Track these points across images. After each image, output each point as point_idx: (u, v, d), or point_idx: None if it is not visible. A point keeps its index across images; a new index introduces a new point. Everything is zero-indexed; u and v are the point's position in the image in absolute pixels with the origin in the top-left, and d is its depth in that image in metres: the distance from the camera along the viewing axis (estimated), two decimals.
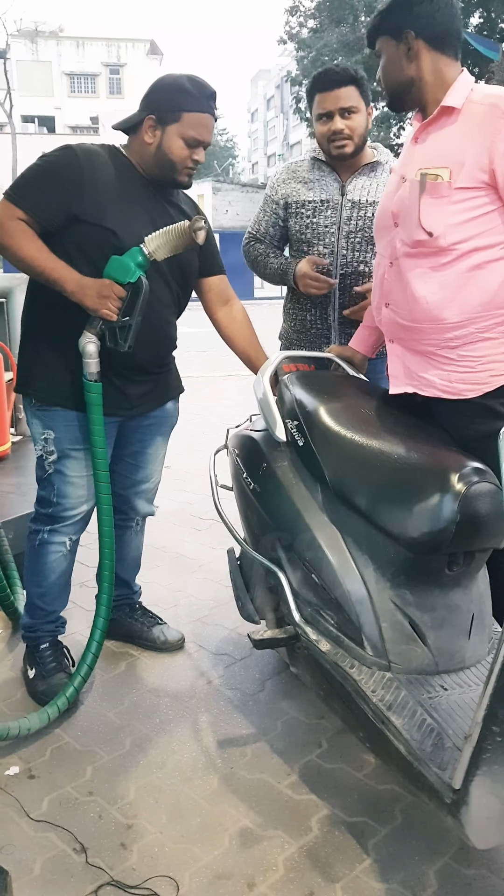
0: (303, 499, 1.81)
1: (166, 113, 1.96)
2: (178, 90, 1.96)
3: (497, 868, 1.60)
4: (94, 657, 2.12)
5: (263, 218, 2.53)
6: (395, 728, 1.48)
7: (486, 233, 1.69)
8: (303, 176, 2.43)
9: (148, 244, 1.90)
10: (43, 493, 2.16)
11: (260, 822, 1.73)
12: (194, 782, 1.86)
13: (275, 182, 2.50)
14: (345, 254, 2.37)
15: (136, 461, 2.32)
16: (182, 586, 2.94)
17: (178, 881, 1.57)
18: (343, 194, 2.36)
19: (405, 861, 1.62)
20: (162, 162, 2.01)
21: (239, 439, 2.12)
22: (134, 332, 1.93)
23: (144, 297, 1.91)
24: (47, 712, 2.00)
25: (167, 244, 1.91)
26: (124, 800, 1.80)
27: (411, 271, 1.77)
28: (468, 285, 1.71)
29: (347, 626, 1.65)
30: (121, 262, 1.90)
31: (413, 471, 1.60)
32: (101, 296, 1.88)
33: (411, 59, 1.76)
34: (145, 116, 1.98)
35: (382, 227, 1.91)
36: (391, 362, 1.90)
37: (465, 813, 1.31)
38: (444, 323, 1.74)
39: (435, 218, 1.71)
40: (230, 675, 2.32)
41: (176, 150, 1.98)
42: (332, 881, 1.57)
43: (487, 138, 1.64)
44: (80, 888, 1.56)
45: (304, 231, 2.40)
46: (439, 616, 1.64)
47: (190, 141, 1.98)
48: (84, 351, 1.95)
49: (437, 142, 1.76)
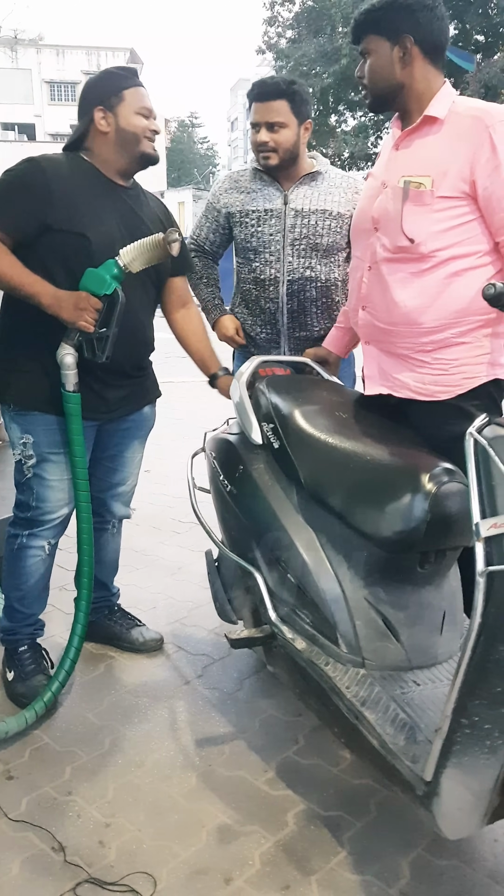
0: (278, 500, 1.84)
1: (110, 98, 2.04)
2: (109, 76, 2.08)
3: (468, 859, 1.64)
4: (72, 662, 2.13)
5: (205, 224, 2.58)
6: (369, 723, 1.51)
7: (465, 241, 1.74)
8: (245, 186, 2.48)
9: (123, 256, 1.92)
10: (22, 497, 2.17)
11: (237, 818, 1.76)
12: (173, 780, 1.89)
13: (217, 190, 2.55)
14: (291, 261, 2.42)
15: (114, 464, 2.34)
16: (161, 589, 2.96)
17: (156, 877, 1.59)
18: (286, 203, 2.41)
19: (379, 853, 1.65)
20: (125, 140, 2.05)
21: (216, 442, 2.14)
22: (111, 343, 1.96)
23: (121, 308, 1.93)
24: (25, 716, 2.01)
25: (142, 256, 1.93)
26: (103, 799, 1.82)
27: (391, 276, 1.81)
28: (446, 292, 1.76)
29: (322, 624, 1.68)
30: (96, 275, 1.92)
31: (385, 471, 1.64)
32: (78, 308, 1.90)
33: (405, 64, 1.79)
34: (93, 112, 2.04)
35: (361, 231, 1.94)
36: (366, 364, 1.95)
37: (436, 804, 1.35)
38: (420, 327, 1.78)
39: (417, 225, 1.75)
40: (208, 675, 2.35)
41: (133, 121, 2.05)
42: (308, 874, 1.60)
43: (470, 150, 1.69)
44: (58, 886, 1.57)
45: (250, 240, 2.45)
46: (412, 613, 1.68)
47: (142, 111, 2.06)
48: (62, 363, 1.97)
49: (420, 150, 1.80)
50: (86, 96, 2.08)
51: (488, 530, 1.23)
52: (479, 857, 1.65)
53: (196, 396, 6.26)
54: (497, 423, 1.29)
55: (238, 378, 2.08)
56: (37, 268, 1.96)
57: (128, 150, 2.07)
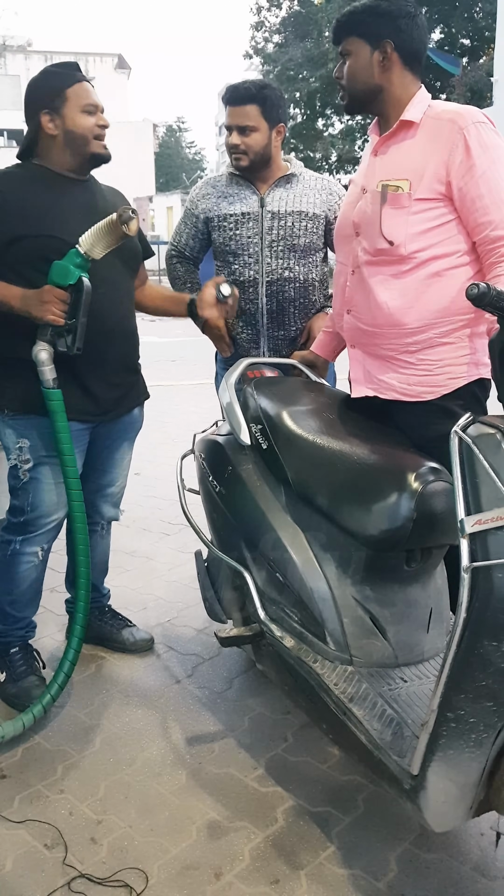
0: (267, 500, 1.87)
1: (53, 100, 2.03)
2: (49, 77, 2.07)
3: (455, 852, 1.67)
4: (71, 665, 2.13)
5: (185, 230, 2.61)
6: (357, 719, 1.54)
7: (443, 242, 1.77)
8: (222, 190, 2.53)
9: (83, 244, 1.92)
10: (16, 502, 2.17)
11: (227, 814, 1.78)
12: (163, 778, 1.91)
13: (195, 196, 2.59)
14: (269, 262, 2.47)
15: (103, 466, 2.35)
16: (151, 589, 2.97)
17: (148, 873, 1.61)
18: (262, 206, 2.47)
19: (367, 848, 1.68)
20: (74, 141, 2.05)
21: (205, 444, 2.17)
22: (80, 334, 1.95)
23: (87, 297, 1.93)
24: (22, 720, 2.00)
25: (101, 240, 1.92)
26: (94, 796, 1.84)
27: (373, 278, 1.85)
28: (427, 292, 1.79)
29: (311, 622, 1.71)
30: (60, 266, 1.93)
31: (372, 471, 1.66)
32: (43, 301, 1.91)
33: (384, 69, 1.82)
34: (39, 117, 2.04)
35: (343, 237, 1.99)
36: (352, 367, 1.98)
37: (423, 798, 1.37)
38: (404, 328, 1.82)
39: (396, 227, 1.79)
40: (198, 674, 2.37)
41: (80, 121, 2.04)
42: (297, 868, 1.62)
43: (445, 152, 1.73)
44: (51, 882, 1.59)
45: (228, 243, 2.50)
46: (399, 611, 1.71)
47: (87, 108, 2.05)
48: (37, 359, 1.97)
49: (397, 154, 1.84)
50: (29, 100, 2.07)
51: (472, 527, 1.26)
52: (466, 850, 1.68)
53: (185, 400, 6.30)
54: (481, 422, 1.31)
55: (226, 380, 2.11)
56: (12, 278, 1.97)
57: (78, 151, 2.07)
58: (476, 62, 18.68)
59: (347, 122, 21.14)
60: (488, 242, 1.72)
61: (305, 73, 20.33)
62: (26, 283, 1.97)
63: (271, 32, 22.30)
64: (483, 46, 18.87)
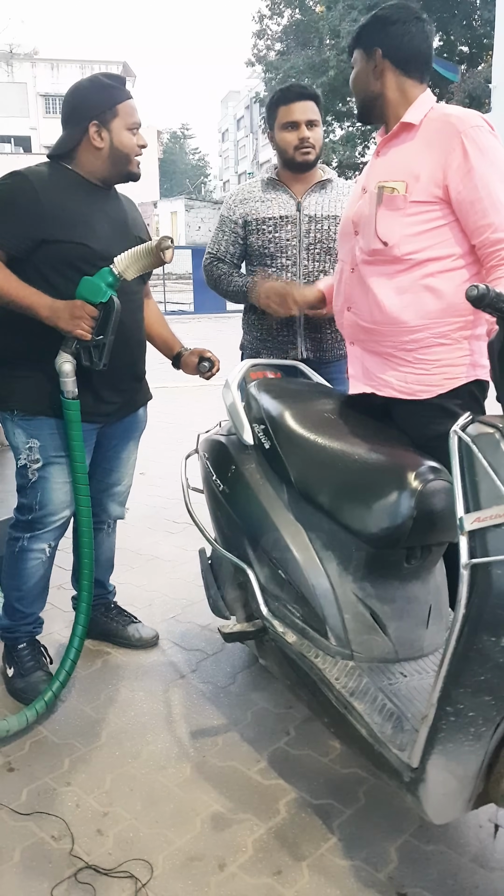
0: (269, 499, 1.90)
1: (104, 112, 2.05)
2: (102, 88, 2.07)
3: (454, 844, 1.70)
4: (72, 662, 2.17)
5: (223, 238, 2.62)
6: (358, 713, 1.56)
7: (438, 245, 1.79)
8: (258, 196, 2.57)
9: (118, 264, 1.95)
10: (25, 500, 2.20)
11: (230, 806, 1.81)
12: (168, 771, 1.94)
13: (231, 203, 2.62)
14: (306, 264, 2.51)
15: (110, 465, 2.39)
16: (156, 587, 3.01)
17: (153, 863, 1.64)
18: (300, 210, 2.51)
19: (368, 839, 1.71)
20: (117, 158, 2.08)
21: (209, 443, 2.20)
22: (108, 350, 1.98)
23: (116, 315, 1.97)
24: (26, 715, 2.04)
25: (136, 263, 1.96)
26: (100, 789, 1.87)
27: (370, 277, 1.88)
28: (423, 293, 1.81)
29: (312, 618, 1.73)
30: (92, 283, 1.95)
31: (372, 470, 1.69)
32: (74, 317, 1.93)
33: (377, 75, 1.87)
34: (87, 126, 2.05)
35: (344, 235, 2.02)
36: (351, 364, 2.01)
37: (422, 790, 1.39)
38: (401, 326, 1.84)
39: (390, 228, 1.81)
40: (202, 670, 2.40)
41: (126, 141, 2.08)
42: (299, 860, 1.65)
43: (442, 155, 1.75)
44: (58, 873, 1.62)
45: (268, 246, 2.52)
46: (399, 607, 1.73)
47: (133, 127, 2.08)
48: (60, 371, 2.00)
49: (396, 156, 1.86)
50: (79, 106, 2.08)
51: (472, 524, 1.28)
52: (465, 842, 1.70)
53: (190, 401, 6.33)
54: (480, 421, 1.33)
55: (231, 381, 2.14)
56: (35, 279, 1.99)
57: (118, 168, 2.11)
58: (475, 69, 18.69)
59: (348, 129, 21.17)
60: (488, 245, 1.73)
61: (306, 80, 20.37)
62: (48, 285, 1.99)
63: (273, 40, 22.44)
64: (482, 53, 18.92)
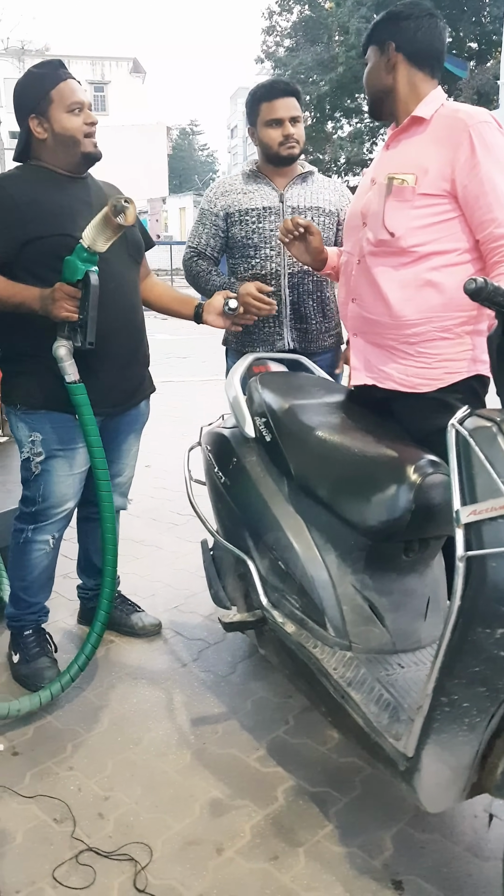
0: (270, 491, 1.92)
1: (39, 103, 2.04)
2: (33, 79, 2.07)
3: (449, 833, 1.72)
4: (92, 648, 2.18)
5: (203, 231, 2.62)
6: (355, 702, 1.58)
7: (444, 238, 1.81)
8: (240, 188, 2.58)
9: (85, 238, 1.94)
10: (28, 493, 2.22)
11: (229, 792, 1.84)
12: (168, 757, 1.97)
13: (212, 196, 2.62)
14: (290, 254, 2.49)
15: (111, 457, 2.38)
16: (160, 577, 3.04)
17: (152, 847, 1.67)
18: (282, 201, 2.53)
19: (364, 827, 1.73)
20: (64, 143, 2.07)
21: (211, 436, 2.22)
22: (91, 328, 1.98)
23: (94, 290, 1.96)
24: (40, 697, 2.07)
25: (101, 233, 1.93)
26: (102, 774, 1.91)
27: (376, 268, 1.89)
28: (426, 287, 1.83)
29: (311, 609, 1.76)
30: (69, 262, 1.96)
31: (371, 463, 1.71)
32: (55, 299, 1.95)
33: (390, 69, 1.89)
34: (28, 122, 2.06)
35: (352, 227, 2.03)
36: (353, 355, 2.02)
37: (417, 779, 1.41)
38: (404, 319, 1.85)
39: (398, 220, 1.82)
40: (204, 659, 2.43)
41: (68, 123, 2.06)
42: (296, 846, 1.68)
43: (451, 150, 1.76)
44: (59, 855, 1.66)
45: (251, 236, 2.54)
46: (396, 599, 1.75)
47: (72, 107, 2.06)
48: (57, 355, 2.01)
49: (406, 149, 1.88)
50: (17, 105, 2.09)
51: (468, 517, 1.29)
52: (459, 831, 1.73)
53: (195, 395, 6.36)
54: (478, 415, 1.34)
55: (232, 374, 2.16)
56: (25, 278, 2.01)
57: (69, 152, 2.09)
58: (483, 65, 18.58)
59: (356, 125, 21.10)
60: (491, 240, 1.75)
61: (315, 77, 20.36)
62: (43, 283, 2.00)
63: (282, 37, 22.36)
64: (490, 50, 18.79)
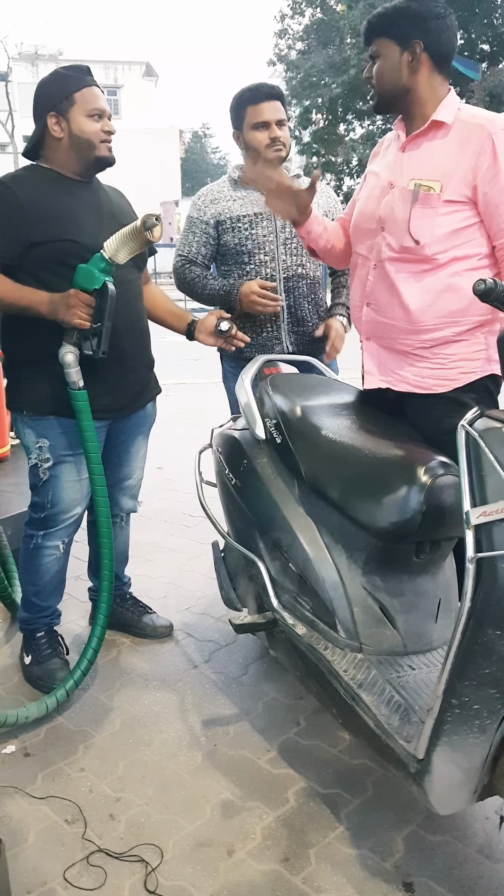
0: (280, 493, 1.92)
1: (60, 102, 2.05)
2: (59, 79, 2.07)
3: (460, 835, 1.72)
4: (94, 652, 2.20)
5: (194, 240, 2.59)
6: (365, 704, 1.58)
7: (466, 244, 1.80)
8: (229, 195, 2.57)
9: (107, 249, 1.96)
10: (37, 498, 2.23)
11: (240, 794, 1.84)
12: (179, 758, 1.97)
13: (201, 204, 2.60)
14: (284, 259, 2.53)
15: (120, 460, 2.41)
16: (172, 579, 3.05)
17: (163, 848, 1.68)
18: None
19: (375, 829, 1.73)
20: (79, 146, 2.08)
21: (222, 438, 2.22)
22: (106, 337, 2.00)
23: (111, 301, 1.98)
24: (46, 703, 2.09)
25: (125, 246, 1.96)
26: (113, 775, 1.91)
27: (397, 274, 1.88)
28: (447, 293, 1.82)
29: (322, 610, 1.76)
30: (86, 271, 1.97)
31: (382, 465, 1.70)
32: (70, 306, 1.95)
33: (413, 70, 1.84)
34: (46, 118, 2.06)
35: (365, 230, 1.99)
36: (366, 360, 2.02)
37: (428, 781, 1.41)
38: (422, 325, 1.85)
39: (423, 227, 1.82)
40: (215, 660, 2.44)
41: (86, 126, 2.06)
42: (307, 847, 1.68)
43: (474, 156, 1.76)
44: (70, 856, 1.66)
45: (245, 243, 2.53)
46: (408, 601, 1.74)
47: (93, 113, 2.07)
48: (63, 361, 2.02)
49: (428, 154, 1.86)
50: (38, 101, 2.09)
51: (478, 518, 1.29)
52: (471, 833, 1.72)
53: (208, 396, 6.35)
54: (488, 416, 1.34)
55: (243, 377, 2.16)
56: (28, 281, 2.02)
57: (83, 155, 2.10)
58: (495, 67, 18.47)
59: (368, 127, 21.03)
60: None
61: (327, 80, 20.31)
62: (44, 286, 2.01)
63: (294, 39, 22.28)
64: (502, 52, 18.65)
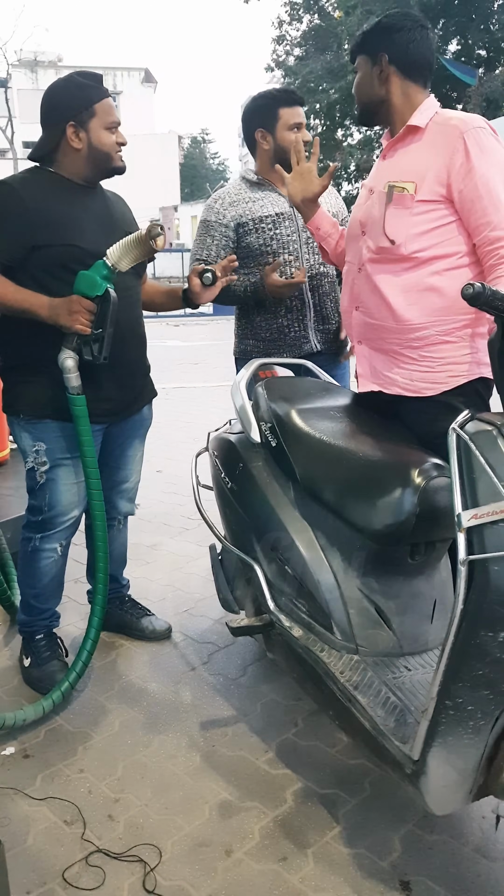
0: (276, 496, 1.93)
1: (81, 112, 2.05)
2: (78, 88, 2.07)
3: (457, 834, 1.73)
4: (88, 654, 2.22)
5: (213, 243, 2.59)
6: (361, 706, 1.59)
7: (444, 243, 1.83)
8: (247, 196, 2.58)
9: (110, 256, 1.97)
10: (35, 502, 2.24)
11: (238, 794, 1.86)
12: (178, 759, 1.99)
13: (219, 207, 2.59)
14: (307, 257, 2.56)
15: (117, 463, 2.43)
16: (170, 581, 3.07)
17: (162, 848, 1.69)
18: (293, 206, 2.49)
19: (372, 828, 1.74)
20: (97, 158, 2.10)
21: (218, 442, 2.23)
22: (108, 343, 2.01)
23: (114, 307, 1.99)
24: (42, 705, 2.10)
25: (128, 254, 1.97)
26: (112, 776, 1.93)
27: (377, 275, 1.92)
28: (428, 291, 1.85)
29: (318, 613, 1.77)
30: (88, 277, 1.98)
31: (376, 467, 1.71)
32: (72, 312, 1.96)
33: (383, 80, 1.92)
34: (64, 127, 2.06)
35: (352, 236, 2.06)
36: (359, 363, 2.04)
37: (423, 782, 1.42)
38: (407, 324, 1.88)
39: (398, 227, 1.85)
40: (213, 662, 2.45)
41: (105, 140, 2.09)
42: (304, 847, 1.69)
43: (447, 156, 1.79)
44: (70, 856, 1.68)
45: (270, 243, 2.54)
46: (403, 602, 1.76)
47: (111, 125, 2.09)
48: (63, 367, 2.03)
49: (403, 158, 1.91)
50: (53, 108, 2.08)
51: (469, 521, 1.30)
52: (468, 832, 1.73)
53: (206, 400, 6.38)
54: (479, 419, 1.35)
55: (238, 380, 2.18)
56: (29, 284, 2.03)
57: (99, 166, 2.12)
58: (492, 73, 18.50)
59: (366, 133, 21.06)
60: (487, 243, 1.76)
61: (325, 85, 20.38)
62: (44, 290, 2.02)
63: (292, 45, 22.38)
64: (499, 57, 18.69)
